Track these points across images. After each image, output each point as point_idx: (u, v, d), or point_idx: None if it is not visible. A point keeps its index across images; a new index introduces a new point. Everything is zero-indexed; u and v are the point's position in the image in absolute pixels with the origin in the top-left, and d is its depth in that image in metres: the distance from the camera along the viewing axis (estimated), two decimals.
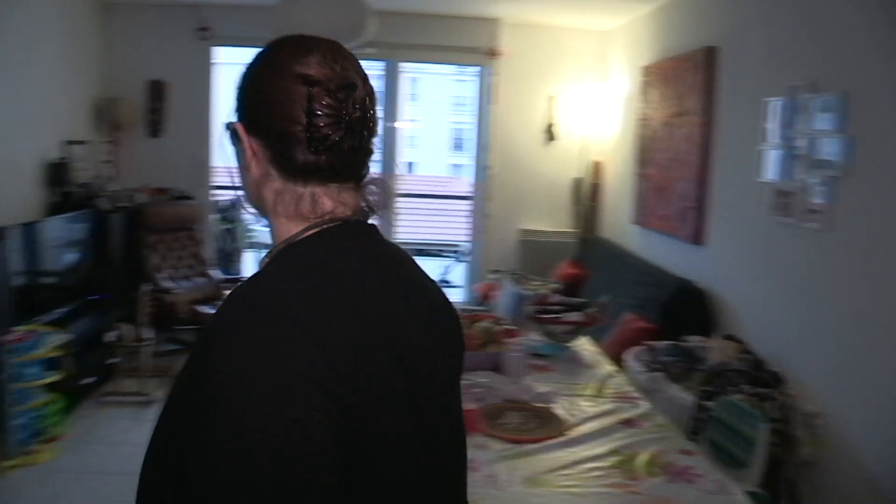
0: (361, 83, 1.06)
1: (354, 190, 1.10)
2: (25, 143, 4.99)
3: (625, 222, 5.73)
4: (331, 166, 1.04)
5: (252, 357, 0.89)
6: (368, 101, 1.06)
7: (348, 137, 1.04)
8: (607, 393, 2.76)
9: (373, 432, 0.95)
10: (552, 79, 6.40)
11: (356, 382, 0.93)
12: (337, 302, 0.98)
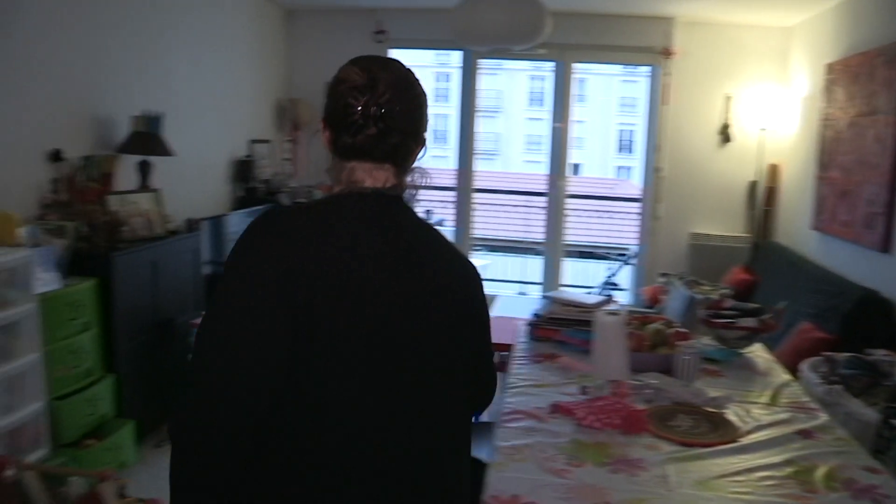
0: (387, 88, 1.43)
1: (391, 170, 1.49)
2: (218, 142, 5.43)
3: (802, 227, 5.49)
4: (360, 146, 1.46)
5: (242, 251, 1.38)
6: (391, 101, 1.43)
7: (372, 125, 1.43)
8: (782, 402, 2.69)
9: (321, 335, 1.31)
10: (728, 78, 6.23)
11: (309, 290, 1.30)
12: (318, 233, 1.38)
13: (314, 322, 1.31)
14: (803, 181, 5.57)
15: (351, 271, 1.36)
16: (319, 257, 1.34)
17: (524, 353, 3.10)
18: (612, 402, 2.39)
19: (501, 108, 28.10)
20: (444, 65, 26.46)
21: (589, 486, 1.94)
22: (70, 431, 3.46)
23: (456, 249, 1.60)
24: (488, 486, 1.91)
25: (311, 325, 1.31)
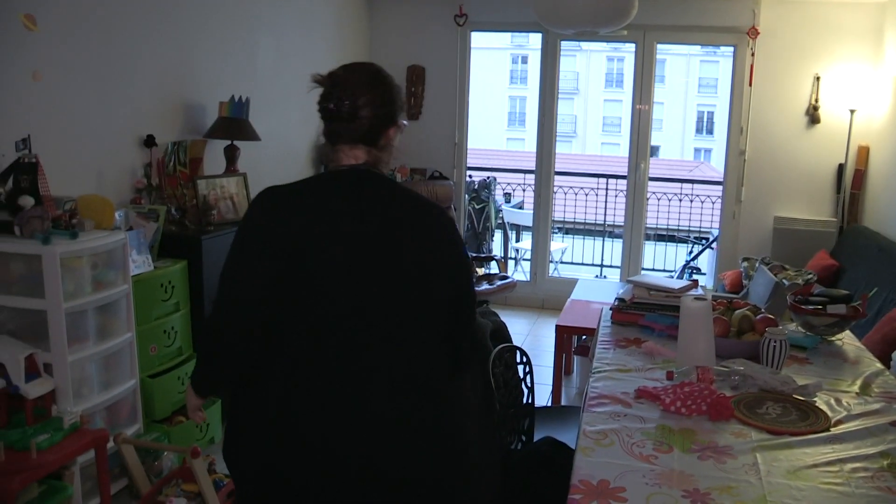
0: (352, 86, 1.85)
1: (363, 149, 1.87)
2: (300, 127, 5.53)
3: (894, 212, 5.31)
4: (334, 132, 1.88)
5: (250, 209, 1.85)
6: (354, 95, 1.83)
7: (338, 114, 1.84)
8: (874, 392, 2.62)
9: (304, 274, 1.77)
10: (816, 57, 6.04)
11: (292, 242, 1.76)
12: (300, 200, 1.81)
13: (298, 264, 1.76)
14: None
15: (324, 224, 1.79)
16: (301, 217, 1.78)
17: (607, 338, 3.09)
18: (699, 389, 2.37)
19: (578, 90, 27.80)
20: (520, 46, 26.31)
21: (677, 472, 1.93)
22: (162, 408, 3.61)
23: (425, 204, 1.93)
24: (575, 471, 1.92)
25: (297, 267, 1.76)
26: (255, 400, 1.84)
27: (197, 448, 2.89)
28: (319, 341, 1.77)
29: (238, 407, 1.90)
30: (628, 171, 6.69)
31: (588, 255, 9.21)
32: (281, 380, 1.79)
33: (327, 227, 1.78)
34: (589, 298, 5.22)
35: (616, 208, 8.96)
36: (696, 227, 9.20)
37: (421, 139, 6.62)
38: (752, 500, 1.81)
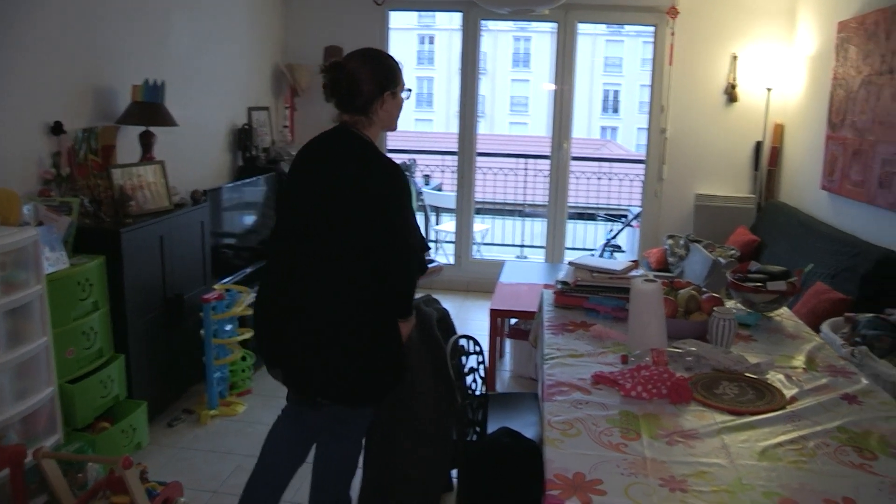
0: (345, 70, 2.42)
1: (355, 115, 2.45)
2: (216, 111, 5.30)
3: (811, 188, 5.45)
4: (337, 104, 2.47)
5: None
6: (343, 75, 2.41)
7: (332, 90, 2.44)
8: (820, 366, 2.66)
9: (278, 212, 2.60)
10: (733, 37, 6.15)
11: (289, 180, 2.55)
12: (307, 147, 2.53)
13: (288, 194, 2.50)
14: (811, 141, 5.52)
15: (301, 170, 2.49)
16: (298, 161, 2.52)
17: (553, 322, 3.04)
18: (657, 372, 2.34)
19: (486, 70, 27.86)
20: (427, 27, 26.17)
21: (649, 459, 1.89)
22: (83, 415, 3.37)
23: (380, 158, 2.41)
24: (548, 465, 1.85)
25: (286, 196, 2.50)
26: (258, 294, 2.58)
27: (128, 458, 2.71)
28: (279, 257, 2.49)
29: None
30: (551, 150, 6.68)
31: (508, 235, 9.22)
32: (264, 279, 2.57)
33: (304, 168, 2.48)
34: (517, 280, 5.19)
35: (536, 188, 9.00)
36: (618, 206, 9.31)
37: None
38: (727, 484, 1.79)
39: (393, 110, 2.50)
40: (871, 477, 1.86)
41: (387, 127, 2.55)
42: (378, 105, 2.44)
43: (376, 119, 2.46)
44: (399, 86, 2.50)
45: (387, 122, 2.52)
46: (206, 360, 4.04)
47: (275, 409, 4.19)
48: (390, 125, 2.55)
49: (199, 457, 3.68)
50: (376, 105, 2.44)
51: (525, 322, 4.66)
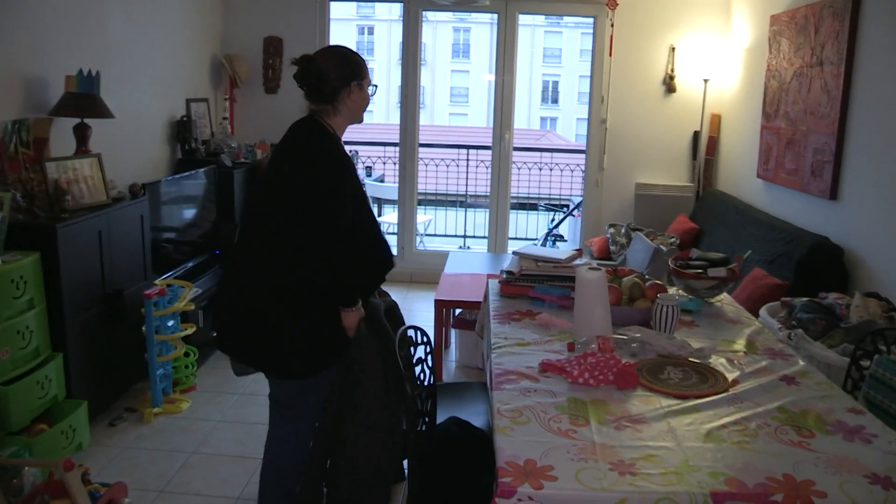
0: (313, 59, 2.56)
1: (319, 104, 2.58)
2: (153, 102, 5.18)
3: (747, 176, 5.59)
4: (304, 93, 2.59)
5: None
6: (312, 65, 2.54)
7: (301, 80, 2.56)
8: (759, 349, 2.73)
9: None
10: (671, 29, 6.26)
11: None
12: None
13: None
14: (747, 131, 5.65)
15: (269, 160, 2.72)
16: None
17: (499, 312, 3.07)
18: (603, 359, 2.37)
19: (425, 61, 27.82)
20: (366, 17, 26.00)
21: (598, 444, 1.92)
22: (19, 417, 3.25)
23: (319, 150, 2.52)
24: (499, 452, 1.87)
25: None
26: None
27: (70, 460, 2.64)
28: (233, 243, 2.73)
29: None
30: (492, 141, 6.71)
31: (451, 226, 9.24)
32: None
33: (270, 158, 2.73)
34: (461, 271, 5.21)
35: (478, 179, 9.02)
36: (559, 196, 9.40)
37: (280, 113, 6.30)
38: (675, 466, 1.83)
39: (360, 101, 2.64)
40: (809, 453, 1.93)
41: (353, 118, 2.68)
42: (345, 94, 2.58)
43: (342, 108, 2.60)
44: (365, 78, 2.65)
45: (354, 113, 2.66)
46: (149, 357, 3.96)
47: (220, 405, 4.17)
48: (356, 116, 2.69)
49: (144, 456, 3.61)
50: (343, 94, 2.58)
51: (470, 312, 4.68)
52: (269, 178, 2.61)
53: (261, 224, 2.58)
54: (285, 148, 2.59)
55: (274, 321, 2.53)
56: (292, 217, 2.50)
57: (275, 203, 2.55)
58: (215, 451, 3.67)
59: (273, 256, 2.53)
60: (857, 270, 4.02)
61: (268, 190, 2.60)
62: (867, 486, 1.77)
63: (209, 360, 4.79)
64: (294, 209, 2.50)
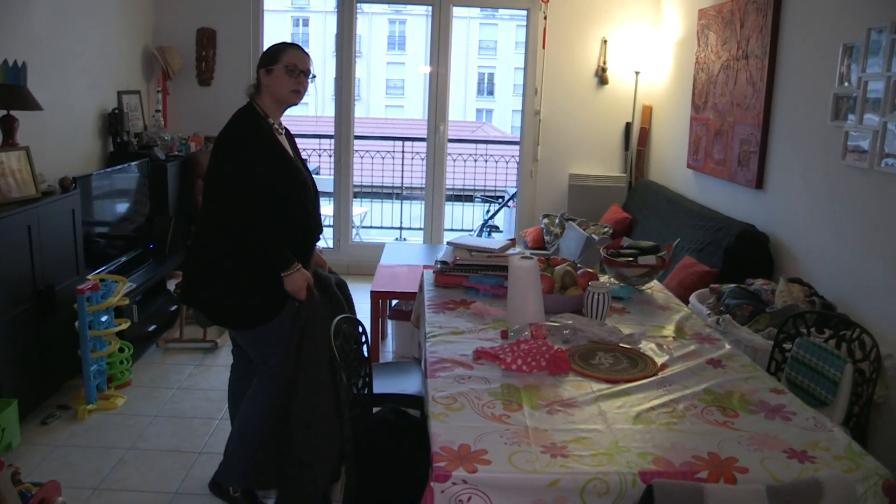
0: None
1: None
2: (84, 94, 5.05)
3: (678, 167, 5.71)
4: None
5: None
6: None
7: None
8: (687, 334, 2.81)
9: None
10: (603, 22, 6.36)
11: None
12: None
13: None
14: (677, 123, 5.78)
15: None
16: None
17: (434, 301, 3.09)
18: (536, 346, 2.41)
19: (361, 53, 27.66)
20: (301, 9, 25.72)
21: (531, 428, 1.96)
22: None
23: (230, 121, 2.84)
24: (434, 438, 1.89)
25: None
26: None
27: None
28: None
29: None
30: (427, 133, 6.73)
31: (387, 218, 9.23)
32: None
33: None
34: (397, 262, 5.21)
35: (414, 171, 9.03)
36: (491, 187, 9.46)
37: (213, 106, 6.28)
38: (605, 448, 1.87)
39: (272, 85, 2.87)
40: (733, 432, 2.00)
41: (277, 99, 2.91)
42: (261, 79, 2.89)
43: (264, 91, 2.89)
44: (276, 62, 2.87)
45: (275, 95, 2.88)
46: (82, 354, 3.87)
47: (156, 399, 4.11)
48: (279, 98, 2.90)
49: (78, 453, 3.53)
50: (260, 80, 2.89)
51: (406, 303, 4.69)
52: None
53: (204, 194, 2.88)
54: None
55: (215, 275, 2.85)
56: (211, 183, 2.82)
57: (207, 173, 2.85)
58: (152, 447, 3.62)
59: (209, 220, 2.87)
60: (781, 257, 4.15)
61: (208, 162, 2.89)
62: (785, 461, 1.85)
63: (144, 355, 4.72)
64: (211, 175, 2.82)
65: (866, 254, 3.40)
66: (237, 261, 2.81)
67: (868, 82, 3.35)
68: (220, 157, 2.80)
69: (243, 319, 2.90)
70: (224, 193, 2.76)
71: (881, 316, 3.26)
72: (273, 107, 2.93)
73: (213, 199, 2.81)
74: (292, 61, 2.88)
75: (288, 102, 2.96)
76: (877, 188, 3.32)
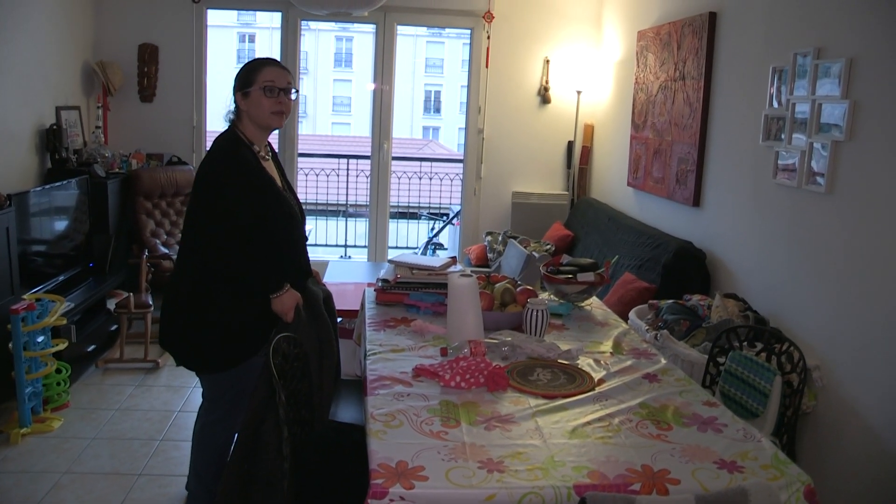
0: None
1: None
2: (19, 109, 4.95)
3: (618, 185, 5.82)
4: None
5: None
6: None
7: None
8: (625, 350, 2.87)
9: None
10: (545, 41, 6.46)
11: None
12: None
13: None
14: (618, 141, 5.89)
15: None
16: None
17: (375, 319, 3.10)
18: (475, 362, 2.44)
19: (308, 70, 27.59)
20: (247, 25, 25.57)
21: (468, 444, 1.98)
22: None
23: (213, 151, 2.72)
24: (372, 456, 1.90)
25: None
26: None
27: None
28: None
29: None
30: (371, 151, 6.74)
31: (332, 235, 9.20)
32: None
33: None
34: (342, 280, 5.21)
35: (359, 188, 9.02)
36: (436, 205, 9.51)
37: (156, 122, 6.23)
38: (541, 462, 1.91)
39: (252, 108, 2.73)
40: (666, 445, 2.05)
41: (258, 123, 2.76)
42: (238, 104, 2.77)
43: (243, 115, 2.76)
44: (252, 84, 2.71)
45: (254, 118, 2.75)
46: (17, 375, 3.78)
47: (95, 421, 4.03)
48: (259, 121, 2.76)
49: (9, 479, 3.43)
50: (237, 104, 2.77)
51: (349, 321, 4.68)
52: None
53: (184, 227, 2.80)
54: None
55: (192, 315, 2.74)
56: (194, 212, 2.72)
57: (190, 203, 2.79)
58: (89, 470, 3.55)
59: (187, 252, 2.77)
60: (718, 273, 4.25)
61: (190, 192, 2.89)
62: (715, 471, 1.90)
63: (83, 376, 4.63)
64: (194, 204, 2.73)
65: (796, 269, 3.50)
66: (221, 298, 2.69)
67: (795, 104, 3.47)
68: (205, 193, 2.66)
69: (223, 362, 2.77)
70: (209, 233, 2.64)
71: (809, 329, 3.36)
72: (256, 132, 2.78)
73: (197, 236, 2.69)
74: (269, 79, 2.70)
75: (271, 126, 2.80)
76: (805, 206, 3.43)
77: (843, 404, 3.14)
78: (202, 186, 2.68)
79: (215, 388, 2.88)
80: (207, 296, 2.70)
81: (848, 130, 3.10)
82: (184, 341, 2.80)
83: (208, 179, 2.66)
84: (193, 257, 2.72)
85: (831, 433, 3.21)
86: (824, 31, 3.32)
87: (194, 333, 2.76)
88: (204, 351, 2.76)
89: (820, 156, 3.28)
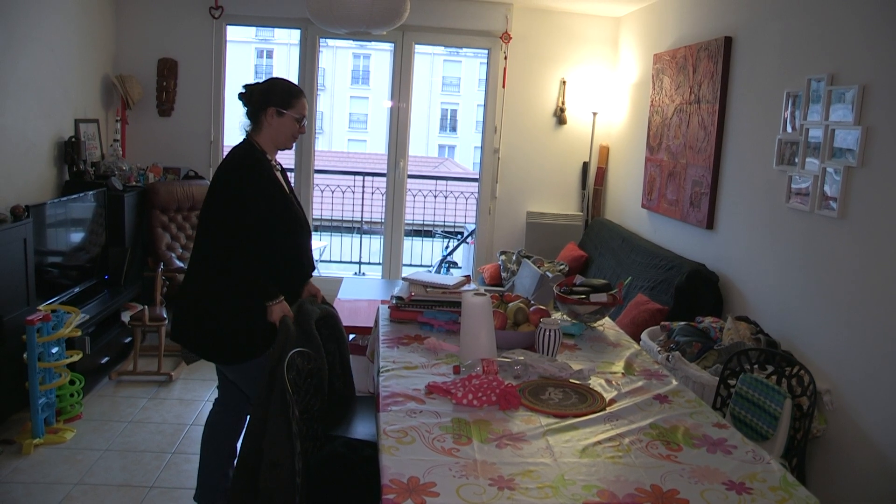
0: (254, 83, 3.01)
1: (249, 120, 3.00)
2: (39, 121, 5.01)
3: (633, 206, 5.84)
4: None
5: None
6: (248, 87, 2.99)
7: (241, 98, 3.04)
8: (636, 370, 2.88)
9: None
10: (562, 63, 6.50)
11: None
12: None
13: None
14: (633, 163, 5.92)
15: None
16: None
17: (388, 336, 3.13)
18: (487, 381, 2.46)
19: (325, 87, 27.79)
20: (265, 41, 25.78)
21: (479, 462, 2.00)
22: None
23: (230, 158, 2.90)
24: (384, 471, 1.92)
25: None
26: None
27: None
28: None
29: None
30: (387, 168, 6.79)
31: (346, 252, 9.25)
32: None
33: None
34: (355, 297, 5.24)
35: (374, 205, 9.08)
36: (453, 223, 9.55)
37: (174, 137, 6.30)
38: (551, 481, 1.92)
39: (279, 127, 2.95)
40: (676, 465, 2.06)
41: (276, 142, 2.99)
42: (263, 117, 2.94)
43: (264, 129, 2.95)
44: (289, 108, 2.94)
45: (275, 137, 2.97)
46: (31, 386, 3.82)
47: (107, 433, 4.06)
48: (279, 141, 3.00)
49: (20, 490, 3.46)
50: (261, 116, 2.94)
51: (363, 337, 4.71)
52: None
53: (200, 230, 2.92)
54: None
55: (205, 310, 2.88)
56: (209, 220, 2.85)
57: (204, 210, 2.89)
58: (101, 482, 3.58)
59: (199, 252, 2.89)
60: (730, 295, 4.26)
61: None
62: (724, 492, 1.91)
63: (97, 387, 4.67)
64: (209, 212, 2.84)
65: (808, 293, 3.51)
66: (232, 295, 2.84)
67: (809, 129, 3.49)
68: (220, 194, 2.83)
69: (234, 354, 2.92)
70: (223, 230, 2.79)
71: (821, 352, 3.37)
72: (270, 146, 2.99)
73: (211, 235, 2.84)
74: (303, 113, 3.00)
75: (286, 147, 3.05)
76: (817, 230, 3.44)
77: (853, 428, 3.14)
78: (218, 187, 2.84)
79: (236, 380, 3.07)
80: (220, 290, 2.86)
81: (861, 156, 3.12)
82: (197, 331, 2.95)
83: (225, 180, 2.84)
84: (207, 254, 2.87)
85: (842, 457, 3.21)
86: (838, 57, 3.34)
87: (209, 326, 2.90)
88: (217, 342, 2.92)
89: (833, 181, 3.30)
